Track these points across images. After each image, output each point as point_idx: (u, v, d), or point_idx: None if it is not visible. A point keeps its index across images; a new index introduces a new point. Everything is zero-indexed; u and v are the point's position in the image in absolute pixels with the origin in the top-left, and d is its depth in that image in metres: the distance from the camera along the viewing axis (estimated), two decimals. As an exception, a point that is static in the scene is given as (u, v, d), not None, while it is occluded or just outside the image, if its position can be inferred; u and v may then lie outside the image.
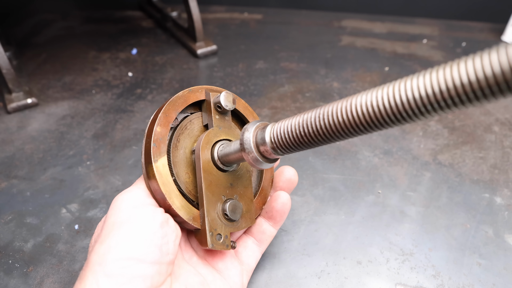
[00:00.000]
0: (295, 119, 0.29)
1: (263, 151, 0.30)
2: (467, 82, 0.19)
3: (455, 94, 0.20)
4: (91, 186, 0.52)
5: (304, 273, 0.42)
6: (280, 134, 0.29)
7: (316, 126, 0.27)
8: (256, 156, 0.31)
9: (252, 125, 0.31)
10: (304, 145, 0.29)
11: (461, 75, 0.20)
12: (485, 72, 0.19)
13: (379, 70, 0.77)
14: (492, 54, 0.18)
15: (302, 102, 0.68)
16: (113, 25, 0.95)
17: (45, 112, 0.66)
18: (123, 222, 0.29)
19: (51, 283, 0.41)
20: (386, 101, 0.23)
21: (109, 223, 0.30)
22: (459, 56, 0.81)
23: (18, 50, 0.83)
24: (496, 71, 0.18)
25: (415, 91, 0.22)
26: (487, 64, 0.18)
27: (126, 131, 0.62)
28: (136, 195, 0.32)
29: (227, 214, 0.34)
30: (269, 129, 0.30)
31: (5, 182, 0.53)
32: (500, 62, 0.18)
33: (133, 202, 0.31)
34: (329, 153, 0.57)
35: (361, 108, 0.24)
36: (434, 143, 0.59)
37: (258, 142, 0.30)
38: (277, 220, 0.39)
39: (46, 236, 0.46)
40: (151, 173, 0.32)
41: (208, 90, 0.37)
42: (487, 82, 0.19)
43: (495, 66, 0.18)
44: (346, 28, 0.93)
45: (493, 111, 0.65)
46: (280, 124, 0.30)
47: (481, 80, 0.19)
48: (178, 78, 0.75)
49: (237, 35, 0.90)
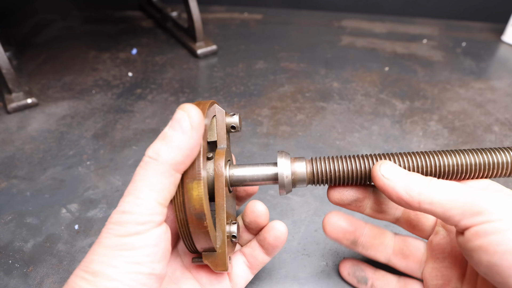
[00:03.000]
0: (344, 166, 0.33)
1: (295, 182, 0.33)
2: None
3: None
4: (91, 186, 0.52)
5: (304, 273, 0.42)
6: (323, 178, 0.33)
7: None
8: (291, 187, 0.33)
9: (287, 159, 0.33)
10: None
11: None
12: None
13: (379, 70, 0.77)
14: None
15: (302, 102, 0.68)
16: (113, 25, 0.95)
17: (45, 112, 0.66)
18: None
19: (51, 283, 0.41)
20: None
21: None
22: (459, 56, 0.81)
23: (18, 50, 0.83)
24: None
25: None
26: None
27: (126, 131, 0.62)
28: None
29: (235, 236, 0.33)
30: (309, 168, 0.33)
31: (5, 182, 0.53)
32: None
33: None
34: (329, 153, 0.57)
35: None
36: (434, 143, 0.58)
37: (295, 178, 0.33)
38: (269, 251, 0.36)
39: (46, 236, 0.46)
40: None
41: (196, 104, 0.35)
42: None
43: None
44: (346, 28, 0.93)
45: (493, 111, 0.65)
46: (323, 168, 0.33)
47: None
48: (178, 78, 0.75)
49: (237, 35, 0.90)
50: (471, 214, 0.26)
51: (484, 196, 0.27)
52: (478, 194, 0.27)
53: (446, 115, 0.64)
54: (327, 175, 0.33)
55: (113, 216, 0.26)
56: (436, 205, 0.28)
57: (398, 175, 0.30)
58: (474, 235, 0.26)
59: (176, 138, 0.27)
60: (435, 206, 0.28)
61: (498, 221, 0.25)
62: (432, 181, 0.29)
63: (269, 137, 0.60)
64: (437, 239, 0.35)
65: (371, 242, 0.36)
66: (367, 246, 0.37)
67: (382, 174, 0.30)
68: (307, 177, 0.33)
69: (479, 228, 0.26)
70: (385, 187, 0.30)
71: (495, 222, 0.25)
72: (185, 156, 0.27)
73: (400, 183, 0.29)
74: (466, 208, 0.26)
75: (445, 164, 0.31)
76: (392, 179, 0.30)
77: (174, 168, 0.27)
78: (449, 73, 0.76)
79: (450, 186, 0.28)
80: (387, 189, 0.30)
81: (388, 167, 0.30)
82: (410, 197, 0.29)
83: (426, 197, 0.28)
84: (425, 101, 0.68)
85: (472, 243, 0.26)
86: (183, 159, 0.27)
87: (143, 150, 0.58)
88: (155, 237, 0.26)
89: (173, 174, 0.27)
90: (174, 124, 0.27)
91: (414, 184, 0.29)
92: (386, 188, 0.30)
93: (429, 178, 0.29)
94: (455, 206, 0.27)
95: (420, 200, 0.28)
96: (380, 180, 0.30)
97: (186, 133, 0.27)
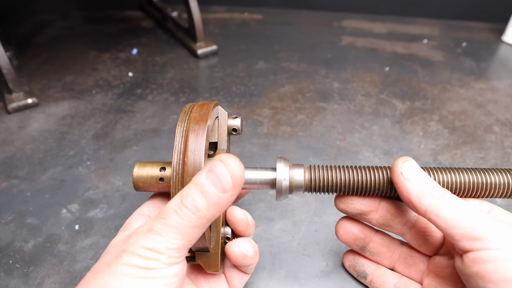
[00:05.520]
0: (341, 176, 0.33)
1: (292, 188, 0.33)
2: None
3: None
4: (92, 186, 0.52)
5: (304, 274, 0.42)
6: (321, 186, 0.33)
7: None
8: (287, 193, 0.33)
9: (285, 166, 0.33)
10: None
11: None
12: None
13: (380, 70, 0.77)
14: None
15: (302, 102, 0.68)
16: (114, 25, 0.95)
17: (46, 112, 0.66)
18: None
19: (51, 284, 0.41)
20: None
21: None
22: (459, 56, 0.81)
23: (19, 50, 0.83)
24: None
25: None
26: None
27: (126, 131, 0.62)
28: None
29: (229, 238, 0.33)
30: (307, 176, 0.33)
31: (5, 182, 0.53)
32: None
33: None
34: (329, 153, 0.57)
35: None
36: (434, 143, 0.58)
37: (292, 185, 0.33)
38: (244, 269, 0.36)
39: (46, 236, 0.46)
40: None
41: (201, 105, 0.34)
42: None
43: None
44: (346, 28, 0.93)
45: (494, 111, 0.65)
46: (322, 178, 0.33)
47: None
48: (179, 78, 0.75)
49: (237, 35, 0.90)
50: (471, 238, 0.27)
51: (486, 222, 0.27)
52: (482, 220, 0.28)
53: (446, 115, 0.64)
54: (324, 183, 0.33)
55: (137, 250, 0.26)
56: (440, 219, 0.28)
57: (416, 178, 0.30)
58: (472, 261, 0.27)
59: (216, 197, 0.26)
60: (439, 220, 0.29)
61: (496, 250, 0.26)
62: (445, 194, 0.29)
63: (269, 137, 0.60)
64: (440, 258, 0.35)
65: (379, 249, 0.37)
66: (375, 252, 0.38)
67: (402, 172, 0.30)
68: (305, 185, 0.33)
69: (477, 254, 0.27)
70: (400, 185, 0.30)
71: (493, 251, 0.26)
72: (223, 210, 0.27)
73: (415, 187, 0.30)
74: (467, 231, 0.27)
75: (449, 181, 0.33)
76: (409, 180, 0.30)
77: (209, 221, 0.27)
78: (450, 73, 0.76)
79: (460, 205, 0.29)
80: (401, 188, 0.30)
81: (410, 167, 0.31)
82: (419, 203, 0.29)
83: (434, 209, 0.29)
84: (425, 101, 0.68)
85: (469, 268, 0.27)
86: (221, 212, 0.27)
87: (143, 150, 0.58)
88: (175, 271, 0.27)
89: (206, 225, 0.27)
90: (214, 179, 0.26)
91: (427, 192, 0.29)
92: (401, 187, 0.30)
93: (443, 191, 0.30)
94: (457, 226, 0.28)
95: (428, 210, 0.29)
96: (397, 177, 0.31)
97: (227, 192, 0.26)
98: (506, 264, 0.26)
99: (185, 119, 0.31)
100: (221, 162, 0.26)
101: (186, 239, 0.27)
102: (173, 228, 0.26)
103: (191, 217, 0.26)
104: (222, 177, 0.26)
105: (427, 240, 0.35)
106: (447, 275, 0.34)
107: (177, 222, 0.26)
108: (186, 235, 0.26)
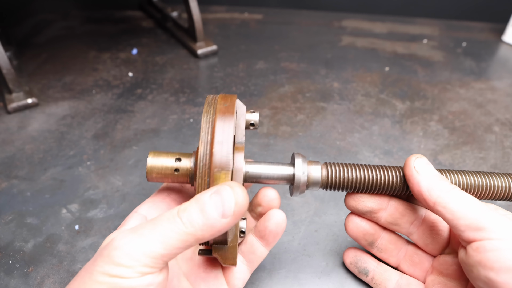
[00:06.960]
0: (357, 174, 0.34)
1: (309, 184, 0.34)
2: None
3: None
4: (92, 187, 0.52)
5: (304, 274, 0.42)
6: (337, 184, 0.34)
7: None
8: (304, 189, 0.34)
9: (304, 162, 0.33)
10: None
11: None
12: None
13: (380, 70, 0.77)
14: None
15: (302, 102, 0.68)
16: (113, 25, 0.95)
17: (46, 112, 0.66)
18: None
19: (51, 284, 0.41)
20: None
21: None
22: (459, 56, 0.81)
23: (18, 50, 0.83)
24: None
25: None
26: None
27: (126, 131, 0.62)
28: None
29: (243, 231, 0.33)
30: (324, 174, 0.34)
31: (5, 182, 0.53)
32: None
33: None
34: (329, 153, 0.57)
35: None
36: (434, 143, 0.59)
37: (309, 181, 0.34)
38: (269, 241, 0.36)
39: (46, 236, 0.46)
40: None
41: (223, 97, 0.33)
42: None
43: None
44: (346, 28, 0.93)
45: (494, 111, 0.65)
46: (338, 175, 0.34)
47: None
48: (179, 78, 0.75)
49: (237, 35, 0.90)
50: (475, 228, 0.29)
51: (490, 215, 0.29)
52: (486, 212, 0.29)
53: (446, 115, 0.64)
54: (340, 180, 0.34)
55: (112, 253, 0.25)
56: (448, 211, 0.30)
57: (428, 173, 0.32)
58: (475, 250, 0.29)
59: (213, 219, 0.26)
60: (446, 211, 0.30)
61: (498, 240, 0.28)
62: (454, 189, 0.31)
63: (269, 137, 0.60)
64: (445, 256, 0.36)
65: (386, 246, 0.38)
66: (382, 249, 0.38)
67: (414, 166, 0.33)
68: (321, 181, 0.34)
69: (480, 244, 0.28)
70: (412, 178, 0.32)
71: (496, 241, 0.28)
72: (213, 235, 0.26)
73: (426, 181, 0.32)
74: (472, 222, 0.29)
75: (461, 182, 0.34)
76: (421, 173, 0.32)
77: (196, 241, 0.26)
78: (450, 73, 0.76)
79: (467, 199, 0.30)
80: (413, 181, 0.32)
81: (422, 162, 0.33)
82: (429, 195, 0.31)
83: (442, 201, 0.30)
84: (425, 101, 0.68)
85: (472, 258, 0.29)
86: (210, 237, 0.26)
87: (143, 150, 0.58)
88: (148, 281, 0.26)
89: (191, 244, 0.26)
90: (217, 201, 0.26)
91: (437, 186, 0.31)
92: (412, 180, 0.32)
93: (453, 186, 0.31)
94: (463, 217, 0.29)
95: (436, 202, 0.31)
96: (410, 170, 0.33)
97: (226, 218, 0.26)
98: (507, 254, 0.27)
99: (210, 110, 0.30)
100: (229, 187, 0.27)
101: (166, 249, 0.25)
102: (158, 234, 0.25)
103: (180, 228, 0.25)
104: (226, 201, 0.26)
105: (433, 239, 0.36)
106: (451, 272, 0.35)
107: (164, 228, 0.26)
108: (167, 245, 0.25)
